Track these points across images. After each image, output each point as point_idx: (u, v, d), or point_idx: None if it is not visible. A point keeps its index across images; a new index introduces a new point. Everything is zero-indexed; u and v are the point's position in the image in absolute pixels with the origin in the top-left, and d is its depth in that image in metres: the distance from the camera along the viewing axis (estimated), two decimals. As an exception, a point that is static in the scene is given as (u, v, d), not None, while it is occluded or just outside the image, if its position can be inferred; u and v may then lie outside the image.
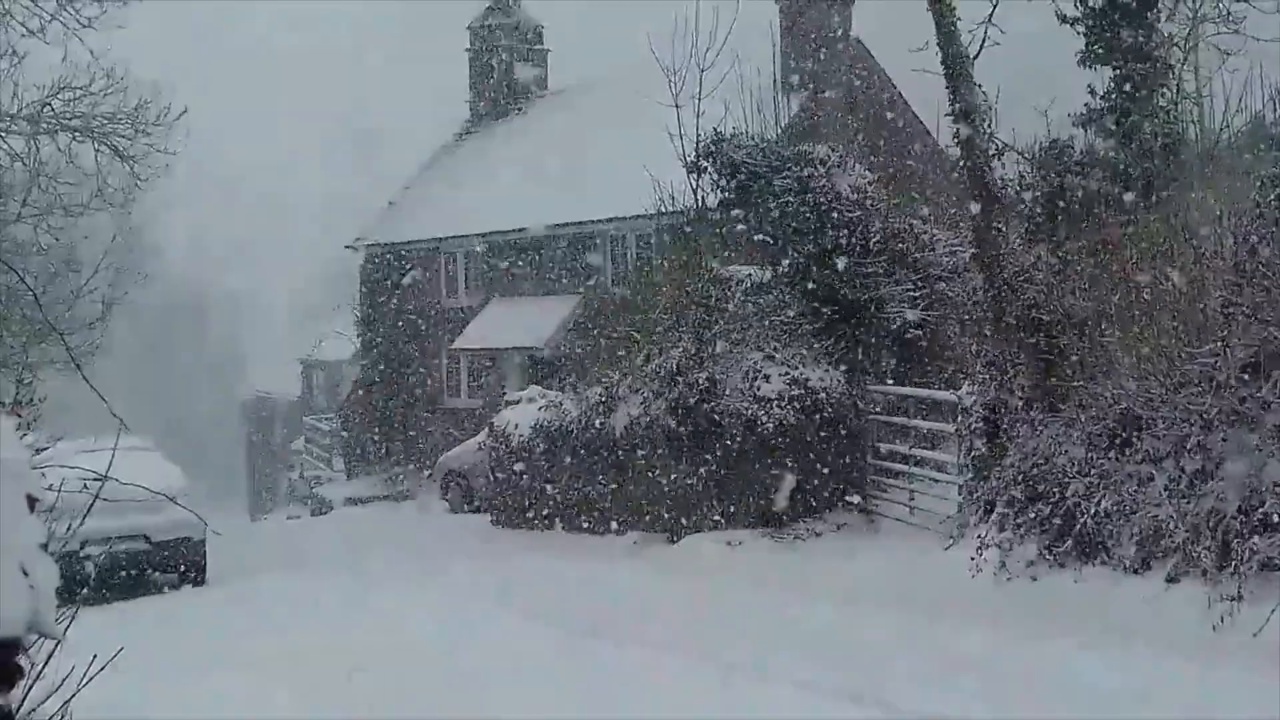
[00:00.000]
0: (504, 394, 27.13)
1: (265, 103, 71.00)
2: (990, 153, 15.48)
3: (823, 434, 17.82)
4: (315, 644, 13.26)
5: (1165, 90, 16.21)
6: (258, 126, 68.08)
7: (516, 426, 22.15)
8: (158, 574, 18.15)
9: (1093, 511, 12.66)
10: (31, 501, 2.79)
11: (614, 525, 19.71)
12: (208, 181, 56.69)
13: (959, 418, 15.94)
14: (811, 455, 17.75)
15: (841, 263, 18.90)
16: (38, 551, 2.65)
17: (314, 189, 64.26)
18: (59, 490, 5.39)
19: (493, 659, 12.04)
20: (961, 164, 15.51)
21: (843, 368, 18.38)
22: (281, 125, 71.07)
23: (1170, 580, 11.74)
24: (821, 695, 9.81)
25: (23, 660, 2.76)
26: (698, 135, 21.37)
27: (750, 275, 19.33)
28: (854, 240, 19.10)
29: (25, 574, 2.59)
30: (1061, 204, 15.39)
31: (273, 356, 58.00)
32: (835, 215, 19.06)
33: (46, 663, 4.78)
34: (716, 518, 18.19)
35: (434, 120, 39.54)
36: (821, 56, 27.63)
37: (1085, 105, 16.16)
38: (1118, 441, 12.73)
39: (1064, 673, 10.06)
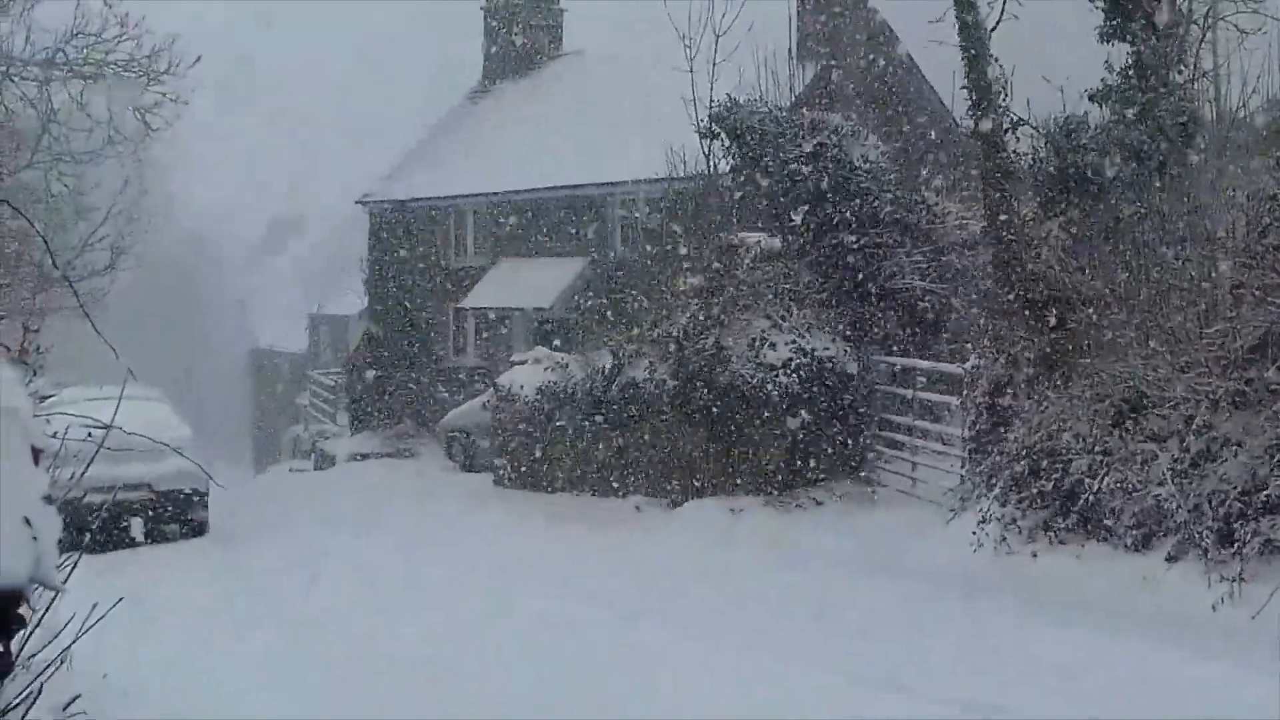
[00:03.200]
0: (510, 354, 27.14)
1: (281, 58, 70.66)
2: (1004, 127, 15.42)
3: (827, 403, 17.82)
4: (312, 594, 13.34)
5: (1182, 68, 16.09)
6: (273, 84, 67.72)
7: (522, 387, 22.17)
8: (160, 524, 18.20)
9: (1095, 489, 12.67)
10: (36, 453, 2.80)
11: (616, 489, 19.76)
12: (221, 136, 56.62)
13: (964, 391, 15.93)
14: (815, 424, 17.75)
15: (851, 232, 18.86)
16: (41, 503, 2.66)
17: (325, 142, 64.04)
18: (63, 439, 5.41)
19: (476, 624, 12.08)
20: (975, 137, 15.44)
21: (849, 337, 18.37)
22: (298, 82, 70.70)
23: (1170, 559, 11.77)
24: (819, 668, 9.83)
25: (24, 610, 2.77)
26: (711, 100, 21.30)
27: (760, 242, 19.30)
28: (864, 210, 19.04)
29: (29, 524, 2.60)
30: (1074, 181, 15.34)
31: (281, 310, 58.01)
32: (846, 185, 18.99)
33: (47, 610, 4.80)
34: (719, 484, 18.22)
35: (448, 79, 39.28)
36: (837, 25, 27.49)
37: (1102, 80, 16.05)
38: (1122, 419, 12.72)
39: (1060, 649, 10.08)
